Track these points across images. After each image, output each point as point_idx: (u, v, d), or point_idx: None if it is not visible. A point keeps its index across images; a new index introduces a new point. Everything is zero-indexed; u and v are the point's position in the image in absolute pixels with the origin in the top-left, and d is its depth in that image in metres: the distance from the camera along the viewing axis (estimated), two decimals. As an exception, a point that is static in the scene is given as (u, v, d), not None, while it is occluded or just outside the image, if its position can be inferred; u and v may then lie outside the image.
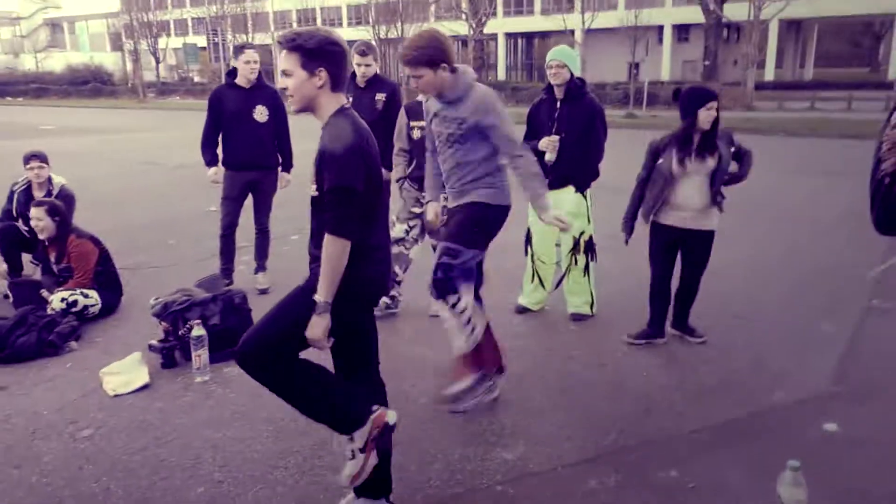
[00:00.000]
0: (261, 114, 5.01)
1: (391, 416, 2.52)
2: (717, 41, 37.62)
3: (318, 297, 2.31)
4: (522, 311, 4.74)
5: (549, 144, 4.36)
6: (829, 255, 6.22)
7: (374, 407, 2.53)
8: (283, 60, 2.31)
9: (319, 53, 2.27)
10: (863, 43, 64.84)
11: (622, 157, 5.73)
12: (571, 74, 4.36)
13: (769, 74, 40.66)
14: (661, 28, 41.81)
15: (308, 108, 2.36)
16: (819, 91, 30.32)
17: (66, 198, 5.22)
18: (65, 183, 5.42)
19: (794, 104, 26.91)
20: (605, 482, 2.79)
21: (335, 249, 2.26)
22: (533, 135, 4.52)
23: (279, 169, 5.31)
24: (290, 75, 2.30)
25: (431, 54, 3.11)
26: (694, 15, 39.20)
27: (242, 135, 5.05)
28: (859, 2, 38.89)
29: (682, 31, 44.18)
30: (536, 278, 4.70)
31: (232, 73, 5.11)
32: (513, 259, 5.16)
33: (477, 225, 3.28)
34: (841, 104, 26.14)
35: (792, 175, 11.05)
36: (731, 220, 7.68)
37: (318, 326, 2.33)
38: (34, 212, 4.72)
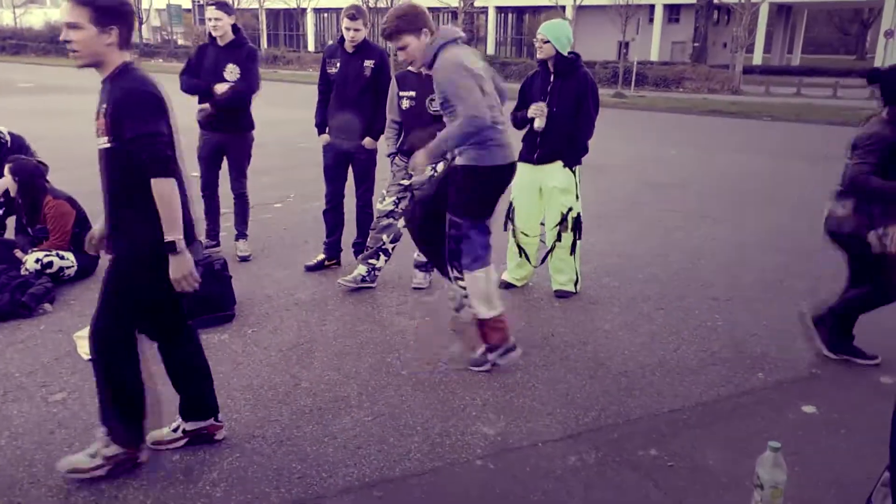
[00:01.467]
0: (230, 73, 4.87)
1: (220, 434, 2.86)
2: (707, 23, 37.59)
3: (169, 238, 2.38)
4: (507, 286, 4.70)
5: (537, 110, 4.31)
6: (810, 238, 6.23)
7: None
8: (70, 13, 2.31)
9: (113, 12, 2.35)
10: (851, 30, 64.99)
11: (609, 136, 5.70)
12: (557, 51, 4.27)
13: (757, 59, 40.67)
14: (652, 7, 41.56)
15: (94, 63, 2.42)
16: (806, 77, 30.40)
17: (19, 146, 5.12)
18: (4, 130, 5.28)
19: (780, 89, 26.98)
20: (585, 459, 2.79)
21: (164, 188, 2.38)
22: (524, 106, 4.46)
23: (252, 131, 5.15)
24: (78, 28, 2.32)
25: (410, 20, 3.18)
26: (686, -5, 39.02)
27: (218, 100, 4.93)
28: (850, -12, 38.87)
29: (672, 11, 43.94)
30: (522, 254, 4.66)
31: None
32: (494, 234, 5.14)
33: (464, 192, 3.30)
34: (827, 91, 26.25)
35: (776, 159, 11.09)
36: (715, 202, 7.73)
37: (178, 266, 2.42)
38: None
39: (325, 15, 53.64)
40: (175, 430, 2.80)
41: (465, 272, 3.40)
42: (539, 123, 4.31)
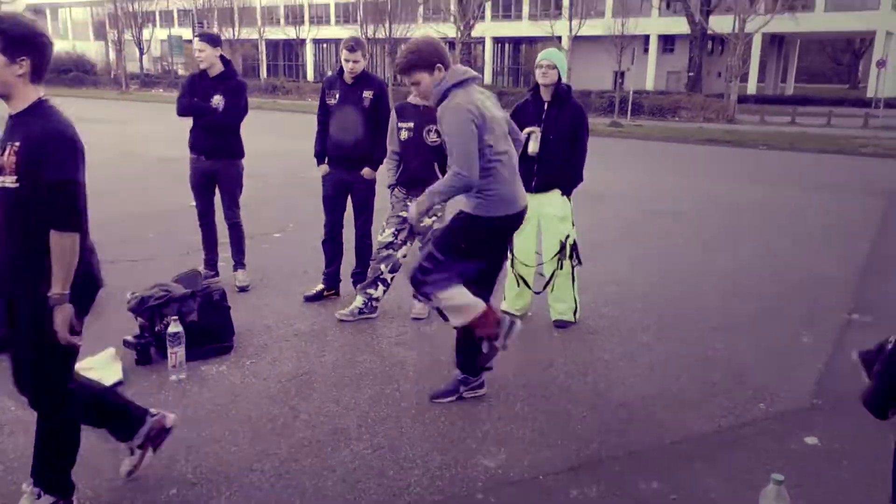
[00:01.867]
0: (217, 103, 4.92)
1: (170, 420, 2.85)
2: (701, 53, 38.07)
3: (53, 293, 2.29)
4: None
5: (532, 132, 4.33)
6: (807, 267, 6.27)
7: (153, 411, 2.83)
8: None
9: (25, 42, 2.24)
10: (843, 60, 65.89)
11: (606, 165, 5.74)
12: (560, 77, 4.34)
13: (751, 88, 41.17)
14: (647, 38, 42.16)
15: (2, 95, 2.28)
16: (800, 106, 30.73)
17: None
18: None
19: (775, 118, 27.25)
20: (587, 492, 2.76)
21: (66, 243, 2.27)
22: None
23: (242, 159, 5.18)
24: None
25: (424, 56, 3.04)
26: (680, 26, 39.65)
27: (201, 122, 5.00)
28: (840, 19, 39.55)
29: (667, 41, 44.58)
30: (521, 283, 4.66)
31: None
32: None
33: (456, 235, 3.23)
34: (821, 119, 26.51)
35: (772, 187, 11.16)
36: (712, 230, 7.76)
37: (59, 319, 2.32)
38: None
39: (325, 45, 54.31)
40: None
41: (435, 295, 3.20)
42: (533, 147, 4.33)
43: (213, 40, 4.97)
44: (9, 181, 2.25)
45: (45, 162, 2.22)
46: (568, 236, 4.51)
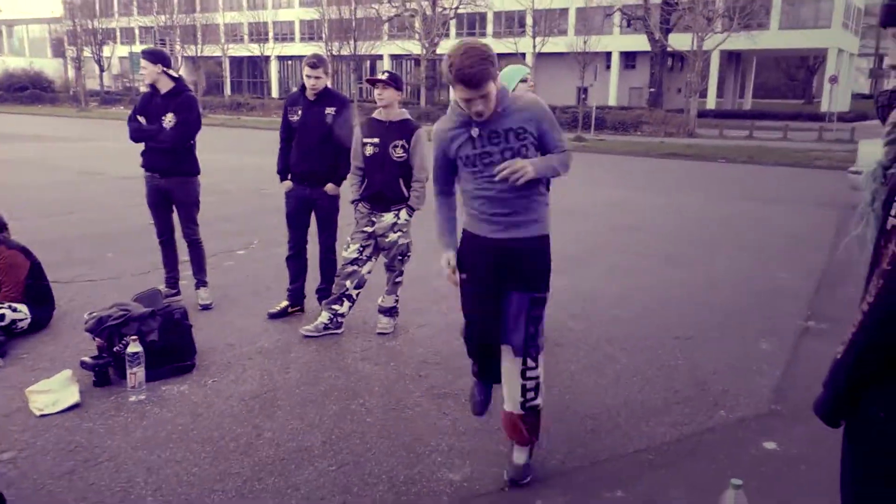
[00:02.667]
0: (168, 121, 4.88)
1: None
2: (661, 69, 38.95)
3: None
4: None
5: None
6: (767, 278, 6.42)
7: None
8: None
9: None
10: (797, 76, 67.92)
11: (570, 179, 5.81)
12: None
13: (711, 103, 42.17)
14: (609, 55, 43.00)
15: None
16: (757, 120, 31.56)
17: None
18: None
19: (733, 132, 27.93)
20: (552, 503, 2.77)
21: None
22: None
23: (197, 176, 5.12)
24: None
25: (493, 67, 2.59)
26: (640, 43, 40.54)
27: (152, 141, 4.95)
28: (794, 37, 40.87)
29: (629, 58, 45.51)
30: None
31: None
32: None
33: (545, 262, 2.90)
34: (777, 133, 27.26)
35: (731, 200, 11.42)
36: (675, 244, 7.90)
37: None
38: None
39: (289, 62, 54.17)
40: None
41: (539, 356, 2.89)
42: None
43: (155, 56, 4.91)
44: None
45: None
46: None
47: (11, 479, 2.86)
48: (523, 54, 37.65)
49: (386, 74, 4.44)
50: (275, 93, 53.75)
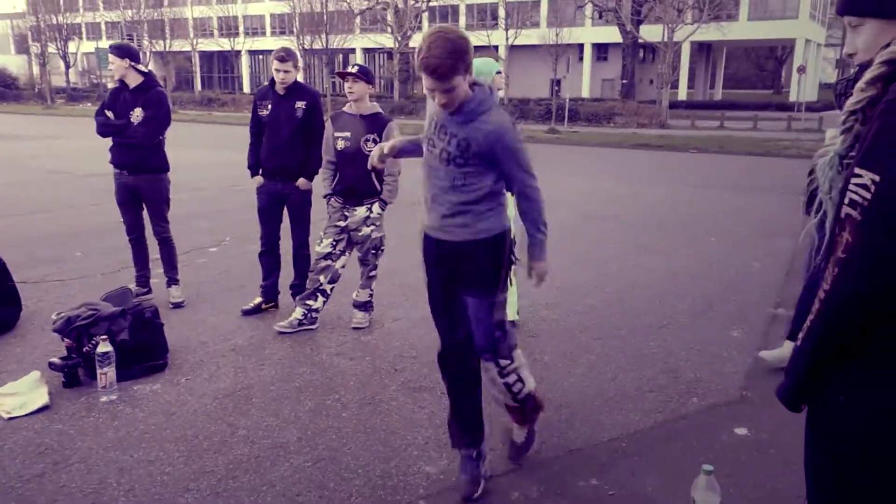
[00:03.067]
0: (136, 116, 4.81)
1: None
2: (633, 61, 39.21)
3: None
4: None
5: None
6: (737, 266, 6.51)
7: None
8: None
9: None
10: (767, 67, 68.85)
11: (544, 171, 5.83)
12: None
13: (682, 94, 42.63)
14: (581, 47, 43.16)
15: None
16: (727, 111, 31.95)
17: None
18: None
19: (704, 123, 28.25)
20: (528, 493, 2.79)
21: None
22: None
23: (166, 173, 5.05)
24: None
25: (463, 56, 2.43)
26: (612, 35, 40.78)
27: (119, 136, 4.88)
28: (762, 28, 41.41)
29: (601, 50, 45.76)
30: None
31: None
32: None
33: (501, 263, 2.81)
34: (747, 123, 27.62)
35: (702, 189, 11.55)
36: (647, 233, 7.98)
37: None
38: None
39: (260, 57, 53.58)
40: None
41: (516, 350, 2.91)
42: None
43: (122, 51, 4.83)
44: None
45: None
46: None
47: (-21, 484, 2.81)
48: (496, 47, 37.68)
49: (356, 68, 4.41)
50: (246, 88, 53.14)
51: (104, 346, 3.56)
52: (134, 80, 4.84)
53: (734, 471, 2.92)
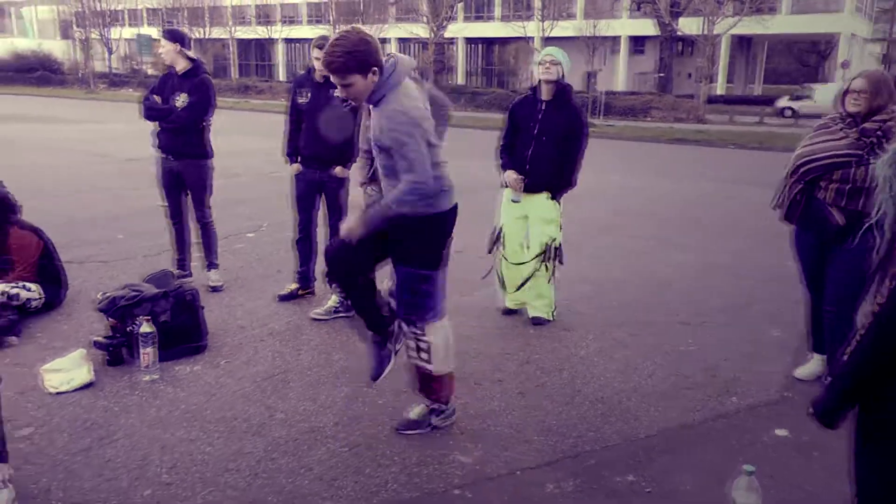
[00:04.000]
0: (182, 101, 4.88)
1: None
2: (671, 54, 38.58)
3: None
4: (508, 312, 4.73)
5: (515, 183, 4.38)
6: (775, 263, 6.38)
7: None
8: None
9: None
10: (809, 61, 67.21)
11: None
12: (562, 76, 4.32)
13: (720, 89, 41.79)
14: (617, 39, 42.56)
15: None
16: (768, 106, 31.28)
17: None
18: None
19: (744, 118, 27.71)
20: (563, 486, 2.79)
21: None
22: (514, 131, 4.47)
23: (209, 160, 5.12)
24: None
25: (362, 59, 2.69)
26: (649, 28, 40.09)
27: (164, 121, 4.96)
28: (805, 21, 40.37)
29: (637, 43, 45.06)
30: (500, 281, 4.66)
31: None
32: (478, 260, 5.17)
33: (427, 243, 3.03)
34: (788, 119, 27.01)
35: (740, 186, 11.34)
36: (683, 229, 7.87)
37: None
38: None
39: (296, 45, 53.89)
40: None
41: (427, 325, 3.04)
42: (516, 197, 4.41)
43: (173, 35, 4.92)
44: None
45: None
46: (554, 239, 4.50)
47: (28, 455, 2.90)
48: (531, 38, 37.37)
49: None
50: (282, 76, 53.53)
51: (147, 327, 3.64)
52: (182, 66, 4.91)
53: (775, 472, 2.88)
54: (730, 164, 14.84)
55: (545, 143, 4.32)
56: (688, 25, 33.32)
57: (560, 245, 4.55)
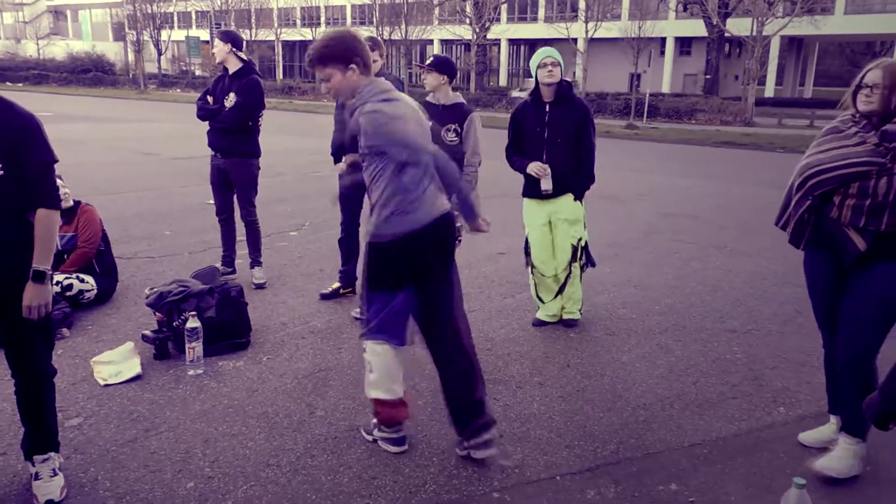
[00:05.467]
0: (231, 101, 4.96)
1: None
2: (718, 55, 37.85)
3: (41, 267, 2.41)
4: (539, 324, 4.59)
5: (541, 172, 4.23)
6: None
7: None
8: None
9: None
10: (862, 63, 65.15)
11: (623, 166, 5.71)
12: (562, 74, 4.27)
13: (769, 91, 40.83)
14: (663, 40, 41.93)
15: None
16: (818, 109, 30.40)
17: None
18: None
19: (793, 121, 27.00)
20: (604, 493, 2.74)
21: (54, 220, 2.45)
22: (519, 141, 4.39)
23: (256, 159, 5.20)
24: None
25: (337, 51, 2.67)
26: (696, 28, 39.44)
27: (214, 120, 5.07)
28: (860, 22, 39.15)
29: (684, 44, 44.34)
30: (535, 291, 4.60)
31: None
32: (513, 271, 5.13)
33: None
34: (840, 123, 26.17)
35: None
36: (729, 233, 7.69)
37: (41, 294, 2.42)
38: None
39: (341, 47, 54.40)
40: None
41: (365, 341, 2.95)
42: (546, 186, 4.26)
43: (227, 36, 5.03)
44: None
45: (32, 145, 2.37)
46: (580, 239, 4.44)
47: (78, 444, 2.98)
48: (575, 40, 37.05)
49: (431, 59, 4.43)
50: (326, 77, 54.13)
51: (193, 322, 3.71)
52: (233, 66, 5.00)
53: (824, 486, 2.78)
54: (778, 168, 14.46)
55: (559, 145, 4.23)
56: (737, 26, 32.63)
57: (587, 244, 4.47)
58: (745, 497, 2.73)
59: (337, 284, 5.08)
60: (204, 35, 45.79)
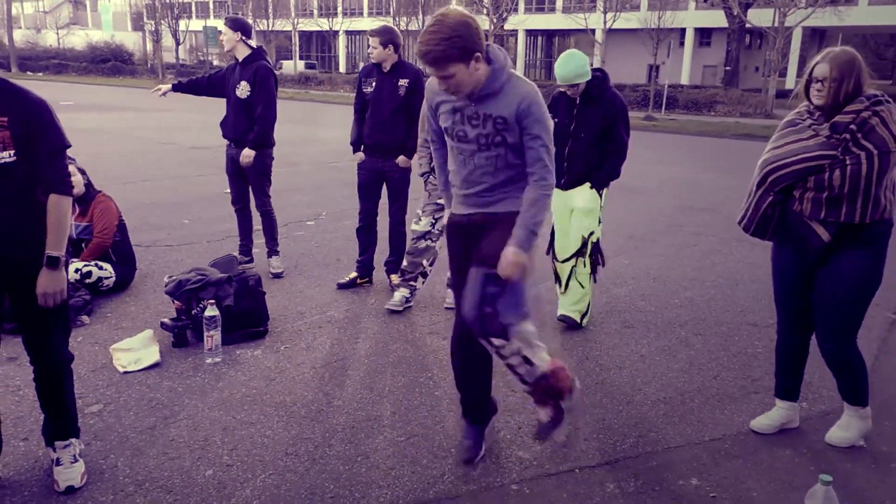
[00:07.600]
0: (242, 90, 4.94)
1: None
2: (739, 47, 37.36)
3: (54, 253, 2.39)
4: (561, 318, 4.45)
5: None
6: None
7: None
8: None
9: None
10: (886, 55, 64.10)
11: (641, 158, 5.64)
12: (588, 81, 4.18)
13: (790, 83, 40.23)
14: (683, 31, 41.46)
15: None
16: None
17: None
18: None
19: (815, 114, 26.55)
20: (624, 487, 2.71)
21: (66, 206, 2.43)
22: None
23: (270, 149, 5.15)
24: None
25: (463, 46, 2.35)
26: (717, 19, 38.93)
27: (226, 109, 5.10)
28: (885, 13, 38.44)
29: (704, 34, 43.82)
30: (557, 280, 4.53)
31: None
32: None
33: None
34: (863, 116, 25.79)
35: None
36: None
37: (56, 281, 2.41)
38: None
39: (357, 37, 54.43)
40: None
41: (514, 329, 2.62)
42: None
43: (236, 23, 5.00)
44: (4, 156, 2.31)
45: (45, 131, 2.36)
46: (592, 233, 4.33)
47: (98, 431, 2.99)
48: (593, 30, 36.74)
49: None
50: (342, 68, 54.20)
51: (211, 310, 3.71)
52: (242, 54, 4.98)
53: (849, 483, 2.74)
54: (800, 160, 14.25)
55: (582, 140, 4.17)
56: (758, 17, 32.19)
57: (598, 241, 4.38)
58: (768, 493, 2.69)
59: (354, 274, 5.07)
60: (221, 25, 45.93)
